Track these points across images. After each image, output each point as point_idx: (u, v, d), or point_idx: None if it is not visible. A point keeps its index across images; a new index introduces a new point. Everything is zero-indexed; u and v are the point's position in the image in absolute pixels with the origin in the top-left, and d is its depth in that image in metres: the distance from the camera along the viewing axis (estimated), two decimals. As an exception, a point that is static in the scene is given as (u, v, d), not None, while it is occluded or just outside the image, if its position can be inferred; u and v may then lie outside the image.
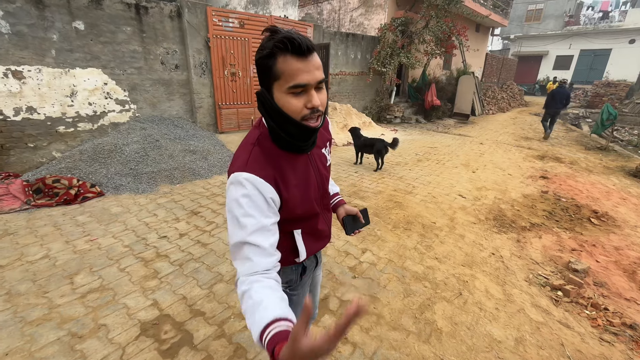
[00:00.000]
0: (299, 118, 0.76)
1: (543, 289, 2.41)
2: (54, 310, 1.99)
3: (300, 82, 0.71)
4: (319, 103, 0.75)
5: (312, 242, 1.01)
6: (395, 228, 3.26)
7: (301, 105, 0.74)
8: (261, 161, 0.79)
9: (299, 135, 0.80)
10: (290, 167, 0.84)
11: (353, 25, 10.56)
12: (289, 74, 0.71)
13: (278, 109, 0.76)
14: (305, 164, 0.90)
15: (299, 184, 0.86)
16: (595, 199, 4.20)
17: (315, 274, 1.28)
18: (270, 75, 0.74)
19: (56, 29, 4.14)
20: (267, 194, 0.76)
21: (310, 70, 0.72)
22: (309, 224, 0.98)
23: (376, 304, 2.19)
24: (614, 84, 15.90)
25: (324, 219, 1.06)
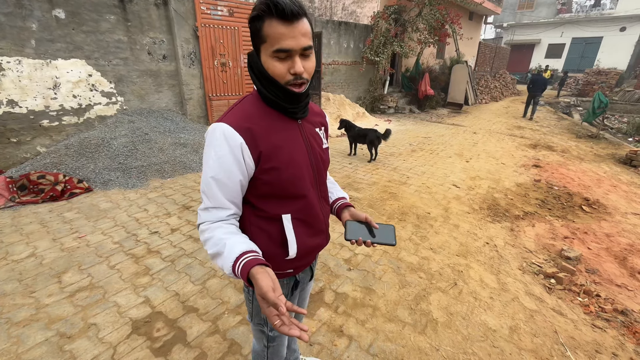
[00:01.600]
0: (283, 82, 0.76)
1: (536, 277, 2.42)
2: (41, 311, 1.94)
3: (283, 47, 0.71)
4: (302, 70, 0.74)
5: (306, 235, 0.91)
6: (389, 219, 3.25)
7: (285, 70, 0.74)
8: (237, 114, 0.80)
9: (283, 98, 0.80)
10: (269, 124, 0.81)
11: (345, 13, 10.37)
12: (274, 38, 0.70)
13: (264, 71, 0.77)
14: (294, 130, 0.86)
15: (284, 145, 0.82)
16: (586, 187, 4.24)
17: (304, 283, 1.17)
18: (258, 38, 0.74)
19: (35, 17, 3.95)
20: (236, 141, 0.75)
21: (295, 35, 0.70)
22: (300, 206, 0.88)
23: (371, 295, 2.18)
24: (604, 72, 16.03)
25: (320, 207, 0.95)
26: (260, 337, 1.09)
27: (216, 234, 0.77)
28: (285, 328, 0.61)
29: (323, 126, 1.00)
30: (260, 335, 1.08)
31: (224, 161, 0.76)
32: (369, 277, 2.36)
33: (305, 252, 0.92)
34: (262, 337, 1.08)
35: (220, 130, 0.76)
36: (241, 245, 0.73)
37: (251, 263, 0.69)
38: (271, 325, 1.00)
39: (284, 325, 0.61)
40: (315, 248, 0.97)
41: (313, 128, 0.93)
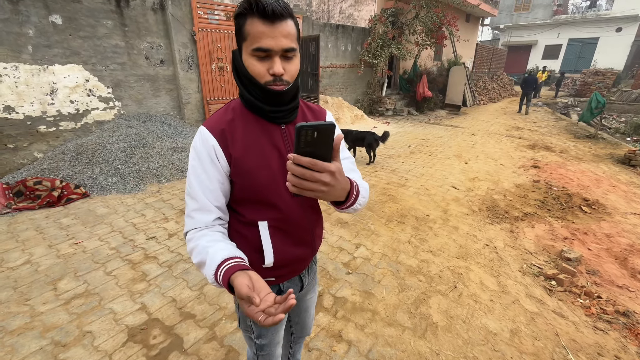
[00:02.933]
0: (262, 82, 0.74)
1: (537, 279, 2.40)
2: (36, 319, 1.91)
3: (262, 46, 0.70)
4: (281, 71, 0.72)
5: (285, 245, 0.86)
6: (388, 222, 3.23)
7: (264, 70, 0.73)
8: (219, 117, 0.81)
9: (264, 99, 0.77)
10: (245, 126, 0.80)
11: (343, 16, 10.41)
12: (253, 36, 0.70)
13: (244, 69, 0.75)
14: (273, 134, 0.82)
15: (257, 149, 0.80)
16: (585, 187, 4.24)
17: (305, 299, 1.13)
18: (240, 35, 0.74)
19: (32, 23, 3.95)
20: (209, 143, 0.77)
21: (275, 36, 0.69)
22: (277, 214, 0.83)
23: (371, 299, 2.15)
24: (601, 72, 16.10)
25: (304, 216, 0.89)
26: (250, 345, 1.08)
27: (200, 243, 0.74)
28: (270, 319, 0.56)
29: None
30: (250, 342, 1.07)
31: (202, 161, 0.78)
32: (368, 281, 2.34)
33: (285, 261, 0.88)
34: (252, 344, 1.06)
35: (199, 132, 0.79)
36: (223, 252, 0.70)
37: (232, 269, 0.65)
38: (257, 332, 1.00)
39: (269, 317, 0.56)
40: (297, 258, 0.92)
41: None
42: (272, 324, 0.56)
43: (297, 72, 0.78)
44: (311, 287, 1.13)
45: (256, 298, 0.56)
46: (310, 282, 1.09)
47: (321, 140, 0.57)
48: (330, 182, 0.60)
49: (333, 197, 0.66)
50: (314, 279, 1.13)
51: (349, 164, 0.91)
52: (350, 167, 0.91)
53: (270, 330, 1.01)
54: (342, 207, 0.77)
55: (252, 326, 1.01)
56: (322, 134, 0.56)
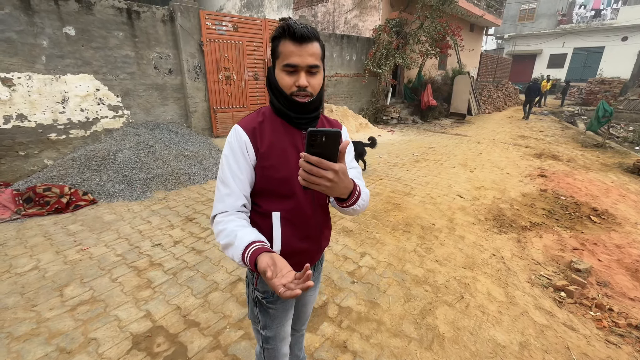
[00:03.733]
0: (288, 93, 0.88)
1: (546, 290, 2.36)
2: (42, 325, 1.92)
3: (291, 62, 0.84)
4: (305, 84, 0.86)
5: (293, 236, 0.96)
6: (394, 230, 3.21)
7: (291, 82, 0.86)
8: (252, 118, 0.95)
9: (289, 107, 0.91)
10: (273, 127, 0.93)
11: (347, 27, 10.55)
12: (285, 54, 0.85)
13: (275, 82, 0.90)
14: (296, 137, 0.95)
15: (281, 147, 0.92)
16: (594, 197, 4.18)
17: (305, 294, 1.21)
18: (274, 54, 0.88)
19: (46, 35, 4.08)
20: (242, 139, 0.90)
21: (302, 54, 0.83)
22: (290, 207, 0.94)
23: (376, 309, 2.13)
24: (608, 81, 16.01)
25: (313, 213, 0.99)
26: (257, 338, 1.15)
27: (229, 226, 0.84)
28: (289, 292, 0.64)
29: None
30: (257, 335, 1.14)
31: (235, 153, 0.90)
32: (373, 290, 2.31)
33: (290, 252, 0.95)
34: (259, 337, 1.13)
35: (234, 129, 0.93)
36: (250, 235, 0.81)
37: (258, 251, 0.75)
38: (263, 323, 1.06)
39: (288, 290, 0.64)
40: (302, 252, 1.00)
41: None
42: (290, 296, 0.63)
43: (319, 86, 0.91)
44: (315, 284, 1.16)
45: (269, 272, 0.67)
46: (314, 279, 1.16)
47: (329, 144, 0.68)
48: (334, 179, 0.71)
49: (336, 193, 0.77)
50: (318, 278, 1.22)
51: (354, 173, 1.01)
52: (355, 176, 0.99)
53: (275, 322, 1.08)
54: (343, 205, 0.87)
55: (259, 316, 1.07)
56: (329, 139, 0.67)
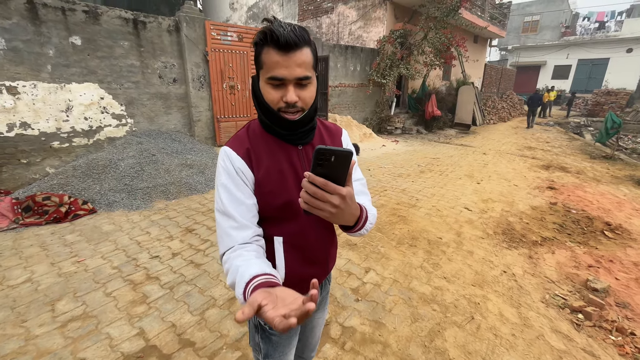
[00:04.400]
0: (275, 109, 0.77)
1: (562, 311, 2.23)
2: (30, 342, 1.83)
3: (276, 75, 0.72)
4: (294, 99, 0.74)
5: (297, 263, 0.88)
6: (399, 244, 3.10)
7: (278, 97, 0.75)
8: (242, 137, 0.84)
9: (278, 124, 0.80)
10: (266, 148, 0.83)
11: (352, 38, 10.63)
12: (268, 65, 0.72)
13: (260, 96, 0.79)
14: (291, 155, 0.85)
15: (277, 170, 0.82)
16: (606, 210, 4.04)
17: (313, 317, 1.11)
18: (257, 63, 0.76)
19: (52, 44, 4.11)
20: (236, 164, 0.79)
21: (289, 65, 0.71)
22: (292, 231, 0.86)
23: (381, 330, 2.01)
24: (614, 92, 15.90)
25: (317, 236, 0.91)
26: None
27: (234, 263, 0.72)
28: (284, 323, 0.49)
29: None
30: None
31: (234, 179, 0.79)
32: (378, 309, 2.20)
33: (296, 279, 0.88)
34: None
35: (225, 153, 0.81)
36: (252, 269, 0.67)
37: (258, 287, 0.62)
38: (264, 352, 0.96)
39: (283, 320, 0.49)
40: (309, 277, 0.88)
41: None
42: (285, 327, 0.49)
43: (312, 99, 0.79)
44: (322, 305, 1.11)
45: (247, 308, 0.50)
46: (321, 301, 1.08)
47: (337, 165, 0.60)
48: (340, 204, 0.63)
49: (341, 221, 0.69)
50: (326, 298, 1.12)
51: (359, 186, 0.94)
52: (361, 190, 0.94)
53: (278, 350, 0.98)
54: (349, 232, 0.80)
55: (261, 344, 0.98)
56: (338, 159, 0.59)
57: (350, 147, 0.92)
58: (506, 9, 15.15)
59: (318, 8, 11.51)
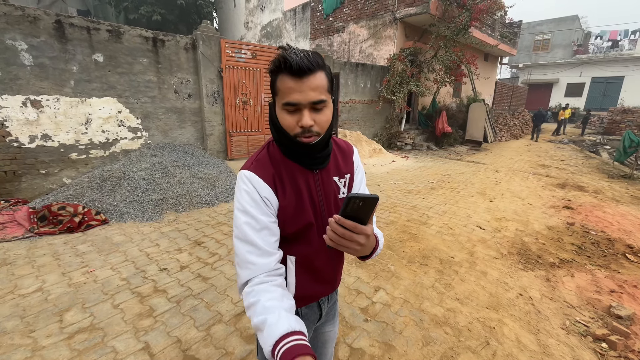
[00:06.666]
0: (292, 134, 0.77)
1: (584, 339, 2.10)
2: (37, 353, 1.82)
3: (290, 100, 0.73)
4: (310, 124, 0.74)
5: (308, 282, 0.91)
6: (410, 263, 3.02)
7: (294, 122, 0.75)
8: (264, 162, 0.83)
9: (295, 149, 0.81)
10: (287, 173, 0.84)
11: (363, 55, 10.84)
12: (283, 91, 0.73)
13: (276, 121, 0.80)
14: (309, 180, 0.86)
15: (296, 195, 0.84)
16: (628, 232, 3.87)
17: (324, 330, 1.09)
18: (273, 90, 0.78)
19: (77, 61, 4.31)
20: (263, 192, 0.79)
21: (303, 90, 0.72)
22: (305, 252, 0.88)
23: (391, 353, 1.93)
24: (630, 110, 15.57)
25: (327, 258, 0.93)
26: None
27: (260, 301, 0.71)
28: None
29: (348, 174, 0.95)
30: None
31: (259, 205, 0.79)
32: (388, 331, 2.12)
33: (305, 296, 0.93)
34: None
35: (248, 179, 0.80)
36: (283, 324, 0.66)
37: (292, 352, 0.61)
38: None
39: None
40: (317, 295, 0.97)
41: (331, 178, 0.91)
42: None
43: (328, 122, 0.79)
44: (330, 317, 1.10)
45: None
46: (329, 311, 1.08)
47: (364, 207, 0.66)
48: (364, 243, 0.69)
49: (361, 254, 0.74)
50: (334, 309, 1.11)
51: None
52: None
53: None
54: (362, 259, 0.84)
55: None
56: (366, 203, 0.66)
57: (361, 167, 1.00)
58: (517, 27, 15.26)
59: (330, 27, 11.83)
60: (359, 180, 0.99)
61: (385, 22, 9.92)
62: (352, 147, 1.00)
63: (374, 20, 10.24)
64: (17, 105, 3.95)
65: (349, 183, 0.96)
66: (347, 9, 11.05)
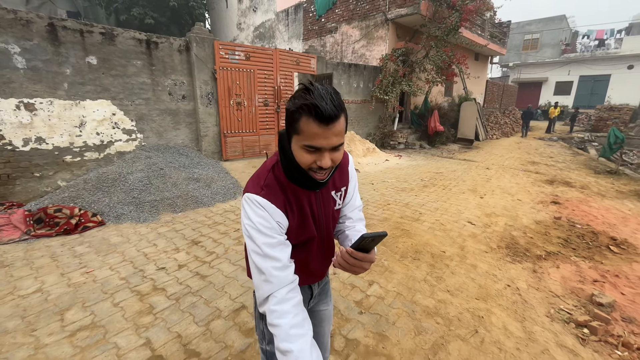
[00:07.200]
0: (306, 169, 0.83)
1: (567, 325, 2.21)
2: (40, 351, 1.87)
3: (315, 145, 0.77)
4: (329, 165, 0.80)
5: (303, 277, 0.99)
6: (403, 258, 3.11)
7: (312, 160, 0.80)
8: (274, 188, 0.87)
9: (304, 181, 0.88)
10: (294, 198, 0.90)
11: (355, 56, 10.94)
12: (307, 135, 0.76)
13: (291, 155, 0.84)
14: (310, 199, 0.94)
15: (302, 214, 0.92)
16: (612, 225, 4.02)
17: (318, 309, 1.18)
18: (292, 127, 0.80)
19: (70, 63, 4.32)
20: (276, 218, 0.85)
21: (328, 136, 0.76)
22: (302, 257, 0.97)
23: (385, 343, 2.02)
24: (617, 108, 15.98)
25: (321, 261, 1.05)
26: (262, 358, 1.11)
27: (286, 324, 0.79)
28: None
29: (343, 187, 1.04)
30: (262, 355, 1.10)
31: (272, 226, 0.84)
32: (382, 322, 2.20)
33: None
34: (263, 356, 1.10)
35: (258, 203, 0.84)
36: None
37: None
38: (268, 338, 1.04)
39: None
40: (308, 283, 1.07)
41: (330, 193, 1.00)
42: None
43: (341, 157, 0.85)
44: (324, 297, 1.19)
45: None
46: (320, 292, 1.17)
47: (373, 243, 0.79)
48: (369, 268, 0.84)
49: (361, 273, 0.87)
50: (325, 289, 1.20)
51: (358, 213, 1.11)
52: (359, 217, 1.11)
53: None
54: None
55: (264, 331, 1.04)
56: (375, 240, 0.77)
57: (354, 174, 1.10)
58: (506, 27, 15.52)
59: (322, 28, 11.92)
60: (352, 189, 1.08)
61: (377, 23, 10.04)
62: (347, 156, 1.06)
63: (365, 21, 10.36)
64: (11, 109, 3.95)
65: (344, 195, 1.05)
66: (339, 10, 11.14)
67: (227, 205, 4.51)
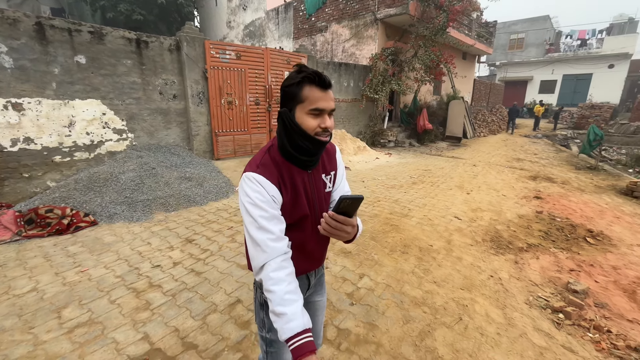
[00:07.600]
0: (312, 134, 0.95)
1: (544, 311, 2.36)
2: (39, 347, 1.91)
3: (320, 107, 0.93)
4: (331, 125, 0.97)
5: (300, 259, 1.05)
6: (392, 252, 3.23)
7: (316, 124, 0.94)
8: (269, 165, 0.98)
9: (310, 148, 0.97)
10: (288, 175, 1.00)
11: (345, 55, 11.04)
12: (312, 99, 0.92)
13: (296, 125, 0.95)
14: (303, 178, 1.03)
15: (295, 191, 1.00)
16: (589, 218, 4.23)
17: (314, 300, 1.26)
18: (295, 99, 0.94)
19: (58, 63, 4.28)
20: (270, 192, 0.94)
21: (328, 100, 0.94)
22: (298, 237, 1.04)
23: (375, 331, 2.12)
24: (598, 106, 16.56)
25: (317, 241, 1.10)
26: (261, 344, 1.17)
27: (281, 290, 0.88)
28: None
29: (332, 171, 1.15)
30: (262, 341, 1.16)
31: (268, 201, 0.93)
32: (372, 312, 2.31)
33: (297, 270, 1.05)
34: (263, 343, 1.16)
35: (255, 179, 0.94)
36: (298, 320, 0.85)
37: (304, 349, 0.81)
38: (268, 326, 1.11)
39: None
40: (306, 269, 1.14)
41: (320, 175, 1.11)
42: None
43: (334, 124, 1.02)
44: (319, 288, 1.27)
45: None
46: (316, 283, 1.25)
47: (352, 206, 0.90)
48: (351, 232, 0.94)
49: (346, 239, 0.98)
50: (321, 280, 1.28)
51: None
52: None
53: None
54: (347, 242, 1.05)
55: (265, 320, 1.11)
56: (354, 202, 0.88)
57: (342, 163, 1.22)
58: (492, 27, 15.86)
59: (312, 27, 11.97)
60: (341, 175, 1.18)
61: (366, 22, 10.15)
62: (334, 146, 1.19)
63: (355, 21, 10.46)
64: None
65: (334, 179, 1.15)
66: (329, 9, 11.21)
67: (219, 203, 4.56)
